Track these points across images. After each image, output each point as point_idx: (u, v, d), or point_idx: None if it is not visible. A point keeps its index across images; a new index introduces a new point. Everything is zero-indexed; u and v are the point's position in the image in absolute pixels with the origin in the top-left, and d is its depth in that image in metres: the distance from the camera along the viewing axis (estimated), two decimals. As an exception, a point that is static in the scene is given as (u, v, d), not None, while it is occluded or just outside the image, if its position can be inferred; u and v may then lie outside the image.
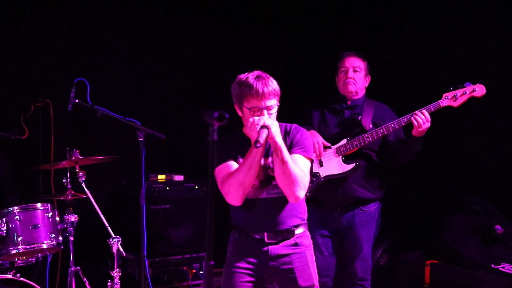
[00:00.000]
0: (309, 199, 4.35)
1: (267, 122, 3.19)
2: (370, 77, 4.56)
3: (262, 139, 3.13)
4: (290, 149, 3.36)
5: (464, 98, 4.15)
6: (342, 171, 4.36)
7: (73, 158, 4.59)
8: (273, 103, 3.29)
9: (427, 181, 5.65)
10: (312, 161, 3.46)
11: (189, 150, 6.18)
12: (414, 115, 4.12)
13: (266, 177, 3.38)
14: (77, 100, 4.51)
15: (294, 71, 7.13)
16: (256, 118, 3.23)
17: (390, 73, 5.76)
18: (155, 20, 6.48)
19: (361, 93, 4.53)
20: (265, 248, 3.38)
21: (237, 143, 3.42)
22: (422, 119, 4.09)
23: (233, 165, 3.36)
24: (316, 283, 3.45)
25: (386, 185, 4.53)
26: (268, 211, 3.38)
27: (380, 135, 4.27)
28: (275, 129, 3.20)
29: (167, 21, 6.54)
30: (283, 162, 3.21)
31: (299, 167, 3.28)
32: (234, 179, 3.26)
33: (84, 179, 4.60)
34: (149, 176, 5.79)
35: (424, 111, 4.12)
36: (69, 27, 6.00)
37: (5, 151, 5.23)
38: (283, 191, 3.30)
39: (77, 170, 4.62)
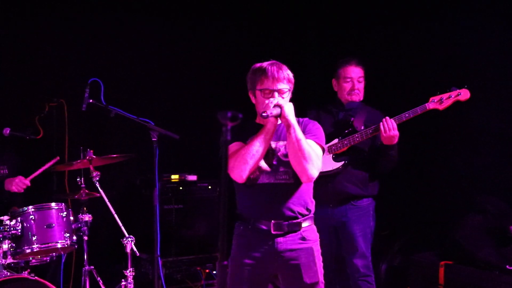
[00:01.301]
0: None
1: (280, 101, 3.28)
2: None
3: (270, 111, 3.23)
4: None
5: (449, 101, 4.30)
6: (332, 168, 4.50)
7: (87, 158, 4.64)
8: (285, 87, 3.39)
9: (440, 181, 5.63)
10: (323, 150, 3.50)
11: (203, 150, 6.18)
12: (383, 120, 4.29)
13: (276, 161, 3.41)
14: (91, 100, 4.53)
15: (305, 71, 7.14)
16: (271, 99, 3.32)
17: (383, 78, 5.81)
18: (168, 20, 6.49)
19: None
20: (271, 242, 3.38)
21: (248, 129, 3.44)
22: (386, 126, 4.26)
23: (242, 145, 3.39)
24: (321, 279, 3.45)
25: (378, 183, 4.65)
26: (275, 197, 3.39)
27: (370, 135, 4.41)
28: (289, 108, 3.28)
29: (180, 21, 6.56)
30: (297, 139, 3.27)
31: (312, 147, 3.34)
32: (244, 151, 3.30)
33: (98, 178, 4.65)
34: (163, 176, 5.81)
35: (391, 120, 4.28)
36: (83, 27, 6.04)
37: (18, 151, 5.29)
38: (296, 170, 3.33)
39: (91, 170, 4.66)
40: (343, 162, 4.49)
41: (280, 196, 3.40)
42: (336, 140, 4.51)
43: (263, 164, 3.39)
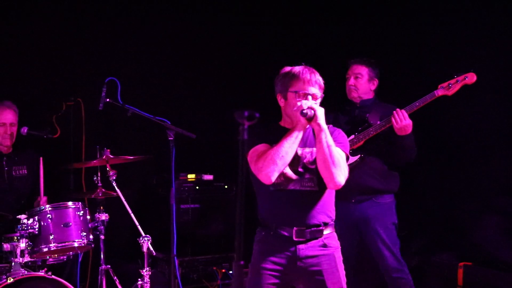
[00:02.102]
0: None
1: (314, 106, 3.30)
2: (377, 80, 4.75)
3: (310, 112, 3.27)
4: None
5: (457, 86, 4.40)
6: (349, 163, 4.47)
7: (104, 157, 4.65)
8: (318, 92, 3.40)
9: (459, 181, 5.59)
10: (348, 157, 3.51)
11: (219, 150, 6.19)
12: (394, 112, 4.37)
13: (302, 167, 3.39)
14: (108, 100, 4.56)
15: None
16: (304, 101, 3.32)
17: (394, 69, 5.77)
18: (185, 19, 6.51)
19: (368, 96, 4.76)
20: (293, 248, 3.36)
21: (273, 132, 3.44)
22: (397, 116, 4.35)
23: (269, 147, 3.36)
24: (345, 285, 3.43)
25: (399, 179, 4.67)
26: (299, 204, 3.38)
27: (383, 128, 4.48)
28: (321, 113, 3.30)
29: (197, 21, 6.57)
30: (328, 145, 3.28)
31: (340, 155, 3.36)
32: (274, 151, 3.28)
33: (114, 178, 4.67)
34: (179, 175, 5.82)
35: (401, 110, 4.36)
36: (100, 27, 6.07)
37: (38, 150, 5.32)
38: (324, 176, 3.32)
39: (107, 169, 4.68)
40: (359, 155, 4.57)
41: (304, 203, 3.39)
42: (352, 136, 4.56)
43: (288, 170, 3.37)
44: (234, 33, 6.75)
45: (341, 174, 3.32)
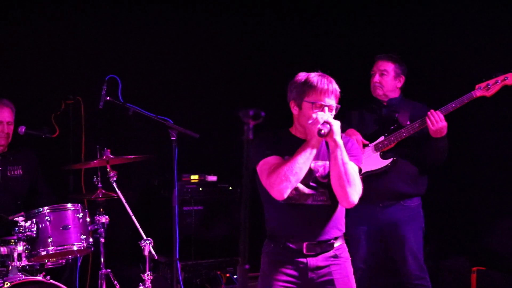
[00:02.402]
0: None
1: (330, 119, 3.22)
2: (403, 77, 4.66)
3: (326, 129, 3.18)
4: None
5: (497, 87, 4.27)
6: (380, 167, 4.53)
7: (104, 157, 4.62)
8: (334, 103, 3.31)
9: (472, 185, 5.59)
10: (360, 170, 3.43)
11: (223, 150, 6.19)
12: (428, 113, 4.29)
13: (314, 182, 3.33)
14: (108, 98, 4.55)
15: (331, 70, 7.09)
16: (320, 113, 3.23)
17: (426, 69, 5.79)
18: (187, 17, 6.50)
19: (394, 94, 4.68)
20: (304, 260, 3.33)
21: (284, 142, 3.38)
22: (433, 118, 4.26)
23: (281, 160, 3.31)
24: None
25: (427, 180, 4.62)
26: (310, 219, 3.33)
27: (416, 129, 4.41)
28: (337, 128, 3.23)
29: (199, 19, 6.56)
30: (343, 162, 3.22)
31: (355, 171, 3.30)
32: (287, 168, 3.21)
33: (115, 179, 4.63)
34: (182, 176, 5.84)
35: (437, 112, 4.27)
36: (100, 23, 6.06)
37: (36, 150, 5.32)
38: (337, 194, 3.27)
39: (108, 169, 4.64)
40: (391, 159, 4.49)
41: (316, 218, 3.34)
42: (382, 138, 4.53)
43: (299, 184, 3.31)
44: (238, 31, 6.73)
45: (356, 193, 3.27)
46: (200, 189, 5.86)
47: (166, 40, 6.37)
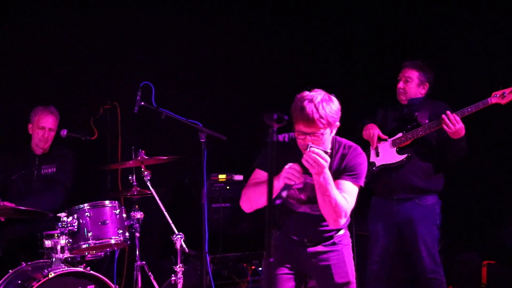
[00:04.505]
0: (366, 188, 4.45)
1: (315, 156, 2.99)
2: (428, 84, 4.62)
3: (284, 194, 2.96)
4: (342, 173, 3.24)
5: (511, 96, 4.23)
6: (395, 161, 4.54)
7: (139, 158, 4.66)
8: (318, 129, 3.09)
9: (484, 180, 5.53)
10: (361, 188, 3.31)
11: (249, 151, 6.15)
12: (443, 116, 4.26)
13: (312, 193, 3.23)
14: (142, 103, 4.55)
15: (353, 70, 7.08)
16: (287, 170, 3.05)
17: (448, 74, 5.70)
18: (215, 23, 6.51)
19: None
20: (305, 248, 3.37)
21: (288, 152, 3.27)
22: (448, 121, 4.23)
23: (264, 175, 3.32)
24: (353, 279, 3.40)
25: (443, 177, 4.58)
26: (309, 223, 3.35)
27: (433, 129, 4.39)
28: (319, 168, 3.01)
29: (227, 24, 6.56)
30: (324, 195, 3.09)
31: (343, 196, 3.15)
32: (250, 194, 3.28)
33: (149, 178, 4.66)
34: (210, 175, 5.83)
35: (453, 114, 4.23)
36: (136, 35, 6.13)
37: (76, 151, 5.33)
38: (325, 217, 3.18)
39: (142, 169, 4.68)
40: (406, 155, 4.50)
41: (314, 224, 3.34)
42: (400, 134, 4.54)
43: (299, 195, 3.33)
44: (264, 36, 6.73)
45: (340, 219, 3.14)
46: (228, 187, 5.86)
47: (194, 48, 6.38)
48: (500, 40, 5.46)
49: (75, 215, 4.38)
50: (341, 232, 3.41)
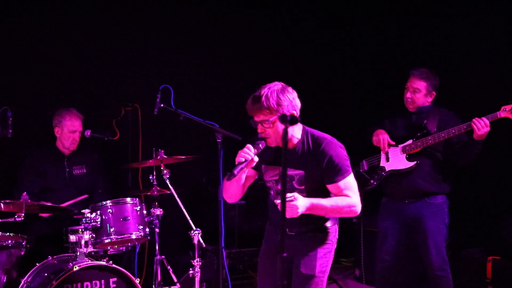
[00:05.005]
0: (377, 189, 4.68)
1: (293, 203, 3.09)
2: (435, 93, 4.62)
3: (236, 171, 3.23)
4: (328, 172, 3.24)
5: None
6: (405, 167, 4.56)
7: (159, 157, 4.73)
8: (265, 117, 3.21)
9: (489, 178, 5.51)
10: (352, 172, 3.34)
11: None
12: (474, 121, 4.25)
13: (291, 187, 3.31)
14: (162, 105, 4.59)
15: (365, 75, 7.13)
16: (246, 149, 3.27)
17: (456, 86, 5.71)
18: (231, 27, 6.56)
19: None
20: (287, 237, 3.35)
21: (265, 149, 3.36)
22: (481, 124, 4.23)
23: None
24: (319, 274, 3.37)
25: (451, 181, 4.60)
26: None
27: (442, 138, 4.42)
28: (300, 209, 3.10)
29: (242, 27, 6.61)
30: (327, 214, 3.26)
31: (345, 194, 3.23)
32: (225, 185, 3.42)
33: (168, 176, 4.74)
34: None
35: (483, 118, 4.24)
36: (156, 40, 6.18)
37: (99, 150, 5.42)
38: None
39: (162, 168, 4.75)
40: (415, 162, 4.52)
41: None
42: (410, 141, 4.56)
43: (278, 187, 3.37)
44: (280, 38, 6.76)
45: (357, 210, 3.25)
46: None
47: (211, 51, 6.43)
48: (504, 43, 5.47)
49: (98, 212, 4.46)
50: (329, 224, 3.40)
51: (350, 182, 3.27)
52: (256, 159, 3.24)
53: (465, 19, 5.88)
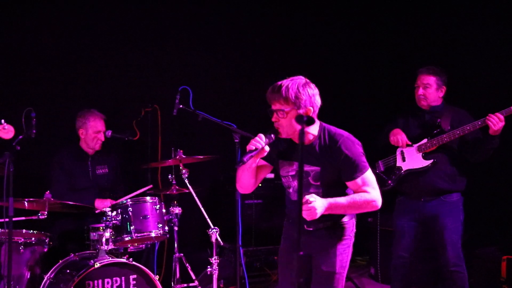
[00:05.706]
0: (392, 188, 4.65)
1: (311, 205, 3.03)
2: (445, 87, 4.62)
3: (246, 158, 3.18)
4: (346, 169, 3.19)
5: None
6: (422, 166, 4.54)
7: (178, 157, 4.75)
8: (281, 107, 3.20)
9: (503, 175, 5.45)
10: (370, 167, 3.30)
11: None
12: (488, 117, 4.23)
13: (307, 183, 3.27)
14: (181, 106, 4.59)
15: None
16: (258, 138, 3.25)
17: (469, 83, 5.67)
18: (250, 28, 6.56)
19: (437, 103, 4.64)
20: (305, 233, 3.35)
21: (282, 143, 3.37)
22: (495, 119, 4.22)
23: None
24: (340, 270, 3.32)
25: (466, 178, 4.58)
26: None
27: (457, 136, 4.40)
28: (318, 210, 3.06)
29: (261, 28, 6.61)
30: (346, 212, 3.24)
31: (364, 190, 3.19)
32: (237, 174, 3.39)
33: (187, 175, 4.74)
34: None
35: (497, 113, 4.22)
36: (175, 42, 6.20)
37: (119, 150, 5.44)
38: None
39: (180, 167, 4.77)
40: (432, 160, 4.51)
41: None
42: (425, 140, 4.55)
43: (294, 183, 3.34)
44: (296, 39, 6.74)
45: (377, 205, 3.21)
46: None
47: (228, 54, 6.44)
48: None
49: (119, 210, 4.47)
50: (346, 219, 3.34)
51: (368, 178, 3.22)
52: (267, 148, 3.23)
53: (475, 16, 5.85)
